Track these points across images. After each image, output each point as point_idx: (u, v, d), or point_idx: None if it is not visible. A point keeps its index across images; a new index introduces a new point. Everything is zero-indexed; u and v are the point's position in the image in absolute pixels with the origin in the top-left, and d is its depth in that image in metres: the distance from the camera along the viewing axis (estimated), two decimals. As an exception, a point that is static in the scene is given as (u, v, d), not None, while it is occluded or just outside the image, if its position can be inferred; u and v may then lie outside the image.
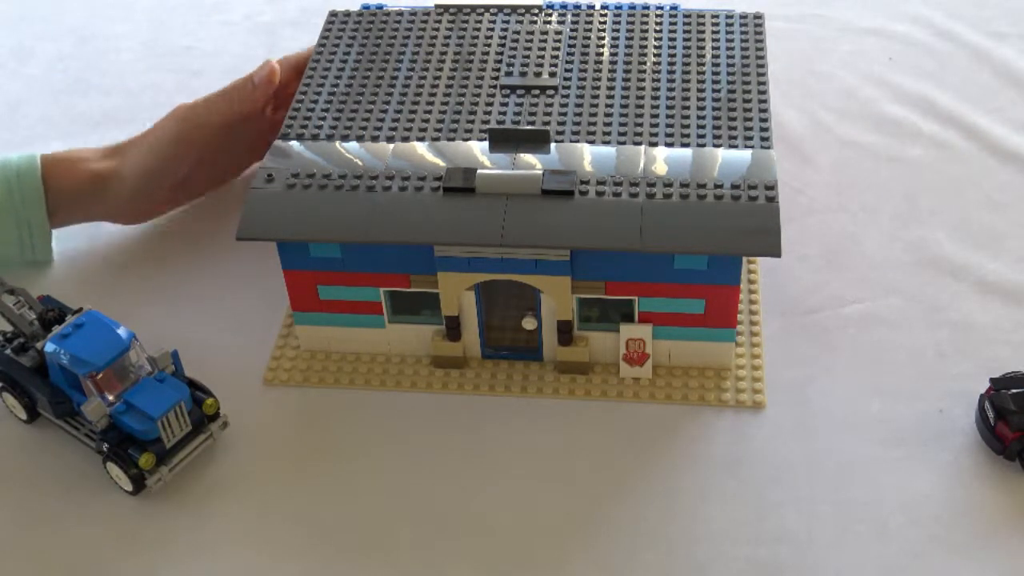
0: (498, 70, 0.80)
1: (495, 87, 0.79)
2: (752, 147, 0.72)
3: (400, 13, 0.86)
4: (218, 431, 0.72)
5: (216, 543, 0.68)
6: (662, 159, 0.71)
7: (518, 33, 0.83)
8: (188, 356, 0.73)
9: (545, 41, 0.82)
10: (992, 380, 0.71)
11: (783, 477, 0.70)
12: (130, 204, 0.85)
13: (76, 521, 0.69)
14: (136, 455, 0.68)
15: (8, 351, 0.73)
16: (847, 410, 0.73)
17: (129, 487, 0.69)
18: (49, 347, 0.69)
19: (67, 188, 0.82)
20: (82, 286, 0.83)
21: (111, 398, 0.69)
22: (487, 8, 0.86)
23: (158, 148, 0.82)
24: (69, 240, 0.87)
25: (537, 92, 0.78)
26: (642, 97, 0.77)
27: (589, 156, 0.72)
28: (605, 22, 0.84)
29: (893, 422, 0.72)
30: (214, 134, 0.83)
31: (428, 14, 0.86)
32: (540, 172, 0.70)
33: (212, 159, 0.86)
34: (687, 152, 0.72)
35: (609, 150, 0.73)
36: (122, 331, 0.69)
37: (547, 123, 0.75)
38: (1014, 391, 0.69)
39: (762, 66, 0.79)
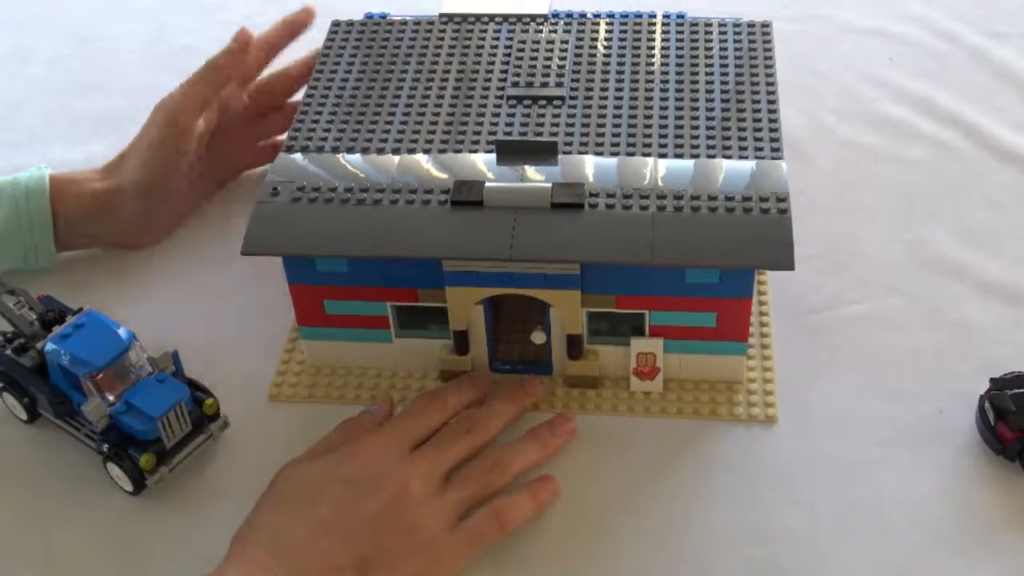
0: (504, 80, 0.80)
1: (501, 98, 0.78)
2: (762, 157, 0.72)
3: (404, 23, 0.86)
4: (218, 431, 0.72)
5: (216, 543, 0.68)
6: (671, 170, 0.71)
7: (524, 43, 0.83)
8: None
9: (551, 51, 0.82)
10: (992, 380, 0.71)
11: (783, 477, 0.70)
12: (136, 222, 0.84)
13: (76, 521, 0.69)
14: (136, 455, 0.68)
15: (8, 351, 0.73)
16: (847, 410, 0.73)
17: (129, 487, 0.69)
18: (49, 347, 0.69)
19: (74, 212, 0.83)
20: (82, 287, 0.83)
21: (111, 398, 0.69)
22: (492, 17, 0.85)
23: (150, 156, 0.82)
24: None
25: (544, 103, 0.77)
26: (650, 107, 0.76)
27: (597, 168, 0.72)
28: (611, 31, 0.84)
29: (893, 422, 0.72)
30: (199, 119, 0.83)
31: (432, 23, 0.86)
32: (549, 185, 0.69)
33: (205, 158, 0.86)
34: (696, 163, 0.71)
35: (617, 161, 0.72)
36: (122, 331, 0.69)
37: (554, 134, 0.75)
38: (1014, 391, 0.69)
39: (771, 75, 0.79)
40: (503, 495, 0.67)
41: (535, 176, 0.71)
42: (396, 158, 0.74)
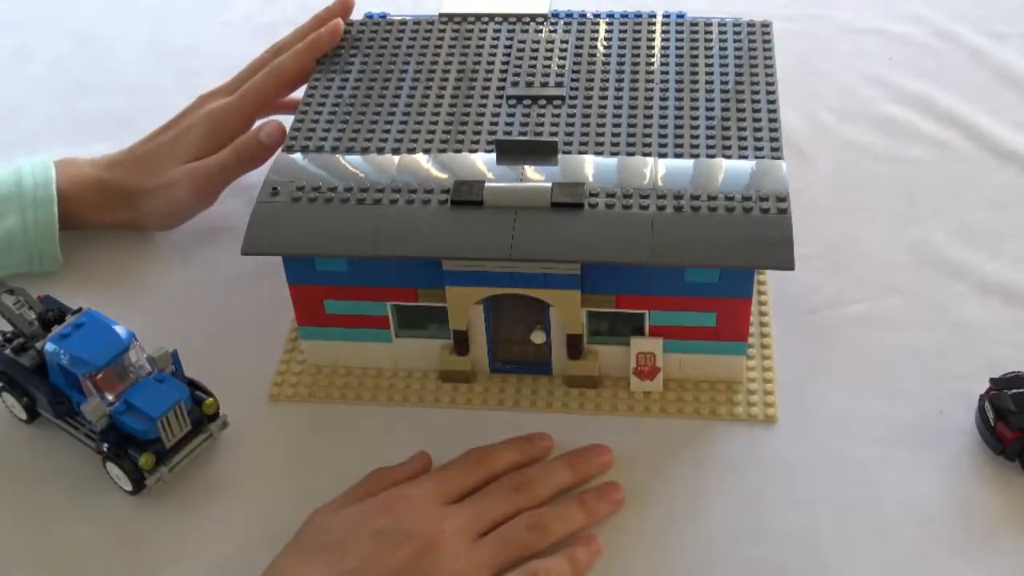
0: (504, 80, 0.80)
1: (501, 97, 0.78)
2: (762, 157, 0.72)
3: (404, 22, 0.86)
4: (218, 431, 0.72)
5: (216, 543, 0.68)
6: (671, 170, 0.71)
7: (523, 43, 0.83)
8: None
9: (551, 51, 0.82)
10: (992, 380, 0.71)
11: (783, 477, 0.70)
12: (161, 216, 0.86)
13: (76, 521, 0.69)
14: (136, 455, 0.68)
15: (8, 351, 0.73)
16: (847, 410, 0.73)
17: (129, 487, 0.69)
18: (49, 347, 0.69)
19: (85, 207, 0.84)
20: (82, 286, 0.83)
21: (111, 398, 0.68)
22: (492, 17, 0.85)
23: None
24: (70, 240, 0.87)
25: (543, 102, 0.77)
26: (650, 107, 0.76)
27: (597, 167, 0.72)
28: (611, 31, 0.84)
29: (893, 422, 0.72)
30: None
31: (432, 23, 0.86)
32: (549, 185, 0.69)
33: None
34: (696, 163, 0.71)
35: (617, 161, 0.72)
36: (121, 331, 0.69)
37: (554, 134, 0.75)
38: (1014, 391, 0.69)
39: (771, 75, 0.78)
40: (541, 556, 0.64)
41: (535, 176, 0.71)
42: (396, 158, 0.74)
